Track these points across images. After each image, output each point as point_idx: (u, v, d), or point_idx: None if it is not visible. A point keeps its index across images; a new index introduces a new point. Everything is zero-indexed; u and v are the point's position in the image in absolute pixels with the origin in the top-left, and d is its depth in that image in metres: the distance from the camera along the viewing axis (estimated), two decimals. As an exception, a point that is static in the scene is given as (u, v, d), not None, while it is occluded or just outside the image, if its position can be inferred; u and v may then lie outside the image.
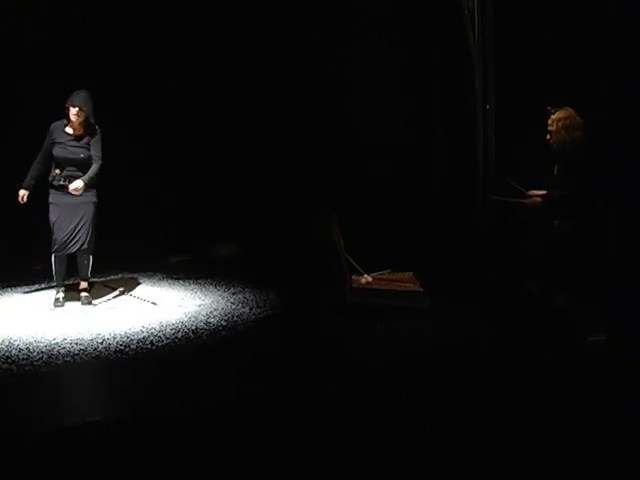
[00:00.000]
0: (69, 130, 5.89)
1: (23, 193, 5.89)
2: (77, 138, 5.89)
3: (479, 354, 4.77)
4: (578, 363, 4.42)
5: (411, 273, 6.02)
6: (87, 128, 5.91)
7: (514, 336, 5.01)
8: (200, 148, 8.07)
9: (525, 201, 5.56)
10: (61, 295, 6.07)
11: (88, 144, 5.91)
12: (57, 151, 5.83)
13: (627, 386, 3.73)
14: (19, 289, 6.70)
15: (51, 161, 5.89)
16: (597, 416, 3.61)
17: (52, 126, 5.89)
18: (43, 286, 6.69)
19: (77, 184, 5.82)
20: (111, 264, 7.27)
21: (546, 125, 5.40)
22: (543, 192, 5.54)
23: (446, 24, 6.92)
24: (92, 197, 5.97)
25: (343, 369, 4.60)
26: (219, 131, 8.05)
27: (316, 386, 4.31)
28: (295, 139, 7.92)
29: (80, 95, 5.81)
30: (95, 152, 5.94)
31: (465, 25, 6.14)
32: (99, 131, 5.98)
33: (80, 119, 5.83)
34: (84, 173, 5.88)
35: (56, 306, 6.01)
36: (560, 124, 5.29)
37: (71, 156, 5.85)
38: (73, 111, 5.79)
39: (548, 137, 5.40)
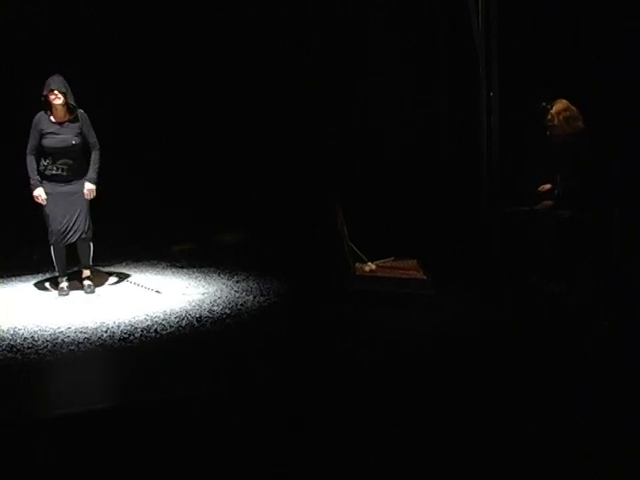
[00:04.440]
0: (54, 119, 5.75)
1: (39, 192, 5.75)
2: (64, 125, 5.76)
3: (481, 343, 4.77)
4: (578, 355, 4.41)
5: (415, 261, 6.01)
6: (71, 112, 5.78)
7: (516, 325, 5.00)
8: (204, 136, 8.05)
9: (536, 207, 5.53)
10: (65, 284, 6.08)
11: (78, 130, 5.79)
12: (47, 142, 5.71)
13: (627, 385, 3.73)
14: (23, 278, 6.71)
15: (41, 151, 5.76)
16: (597, 415, 3.60)
17: (36, 117, 5.74)
18: (47, 275, 6.70)
19: (90, 188, 5.83)
20: (115, 253, 7.29)
21: (544, 122, 5.38)
22: (548, 186, 5.53)
23: (450, 15, 6.90)
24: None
25: (346, 357, 4.61)
26: (223, 118, 8.04)
27: (319, 374, 4.32)
28: (300, 128, 7.90)
29: (55, 79, 5.65)
30: (91, 139, 5.86)
31: (470, 11, 6.08)
32: (85, 115, 5.85)
33: (62, 101, 5.67)
34: (76, 160, 5.81)
35: (61, 295, 6.02)
36: (561, 117, 5.30)
37: (62, 144, 5.73)
38: (53, 96, 5.63)
39: (548, 133, 5.39)
